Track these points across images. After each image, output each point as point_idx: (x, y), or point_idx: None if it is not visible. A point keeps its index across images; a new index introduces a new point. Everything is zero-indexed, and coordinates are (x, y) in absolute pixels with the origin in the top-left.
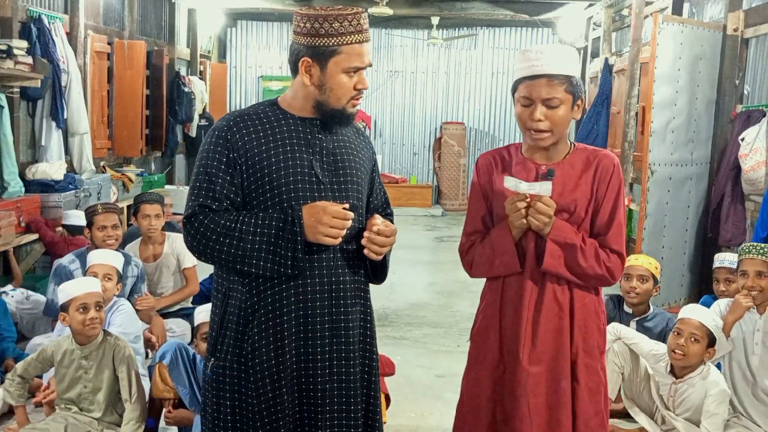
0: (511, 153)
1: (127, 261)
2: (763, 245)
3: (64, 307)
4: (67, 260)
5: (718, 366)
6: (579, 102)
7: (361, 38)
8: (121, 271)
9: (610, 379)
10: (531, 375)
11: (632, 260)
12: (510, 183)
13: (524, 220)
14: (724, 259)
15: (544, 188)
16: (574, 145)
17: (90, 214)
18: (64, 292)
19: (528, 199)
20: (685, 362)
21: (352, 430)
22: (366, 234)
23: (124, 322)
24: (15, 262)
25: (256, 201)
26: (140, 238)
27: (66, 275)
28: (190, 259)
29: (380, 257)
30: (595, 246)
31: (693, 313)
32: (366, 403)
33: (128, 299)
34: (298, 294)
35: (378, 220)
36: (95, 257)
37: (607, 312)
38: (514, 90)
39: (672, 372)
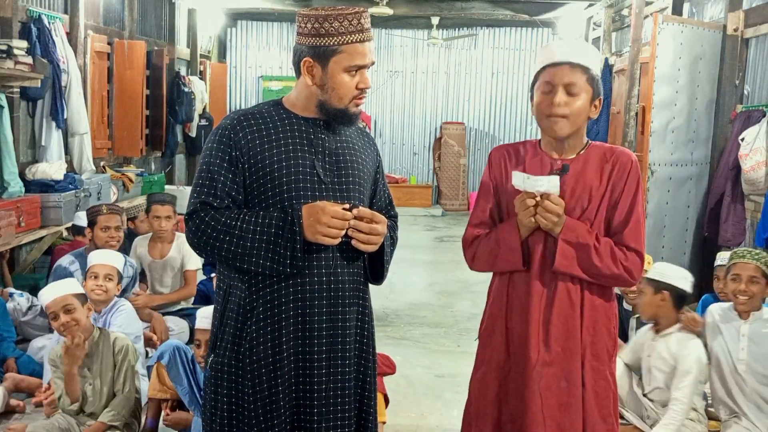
0: (527, 148)
1: (123, 262)
2: (757, 251)
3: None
4: (67, 261)
5: None
6: (597, 101)
7: (363, 37)
8: (121, 271)
9: None
10: (543, 376)
11: None
12: (517, 179)
13: (533, 219)
14: (726, 257)
15: (551, 184)
16: (590, 142)
17: (93, 214)
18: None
19: (537, 197)
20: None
21: (345, 429)
22: (350, 223)
23: (124, 323)
24: (6, 267)
25: (257, 200)
26: (151, 235)
27: (65, 276)
28: (193, 262)
29: (369, 247)
30: (610, 245)
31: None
32: (359, 402)
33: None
34: (296, 292)
35: (364, 210)
36: (96, 257)
37: None
38: (534, 82)
39: (654, 330)
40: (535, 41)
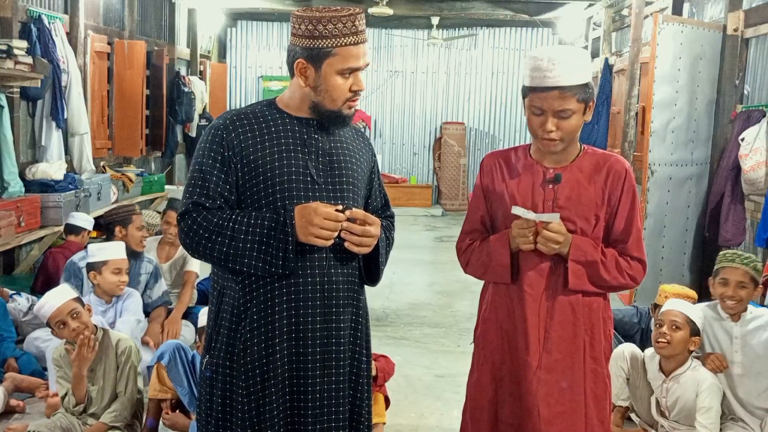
0: (519, 155)
1: (141, 258)
2: (747, 255)
3: (94, 267)
4: (78, 257)
5: None
6: (590, 105)
7: (357, 40)
8: None
9: (614, 384)
10: (544, 383)
11: (669, 304)
12: (518, 212)
13: (532, 245)
14: None
15: (551, 218)
16: (584, 148)
17: (129, 212)
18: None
19: (536, 226)
20: (669, 351)
21: (339, 431)
22: (343, 225)
23: (137, 308)
24: None
25: (250, 200)
26: (160, 238)
27: (75, 272)
28: (194, 264)
29: (362, 249)
30: (615, 256)
31: (673, 304)
32: (352, 404)
33: (142, 296)
34: (290, 294)
35: (357, 211)
36: (113, 252)
37: (628, 326)
38: (525, 95)
39: (661, 370)
40: (535, 41)
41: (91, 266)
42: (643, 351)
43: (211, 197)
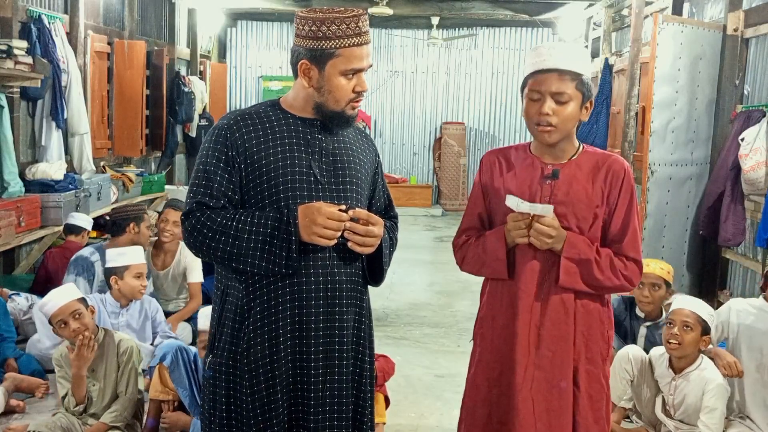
0: (518, 152)
1: None
2: None
3: (116, 272)
4: (88, 252)
5: None
6: (588, 104)
7: (360, 41)
8: None
9: (617, 386)
10: (534, 380)
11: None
12: (511, 202)
13: (527, 239)
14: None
15: (545, 210)
16: (583, 147)
17: (141, 210)
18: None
19: (530, 218)
20: (680, 352)
21: (342, 429)
22: (346, 225)
23: (169, 328)
24: None
25: (254, 200)
26: (154, 242)
27: (87, 267)
28: (196, 274)
29: (365, 249)
30: (610, 256)
31: (684, 303)
32: (355, 404)
33: None
34: (293, 293)
35: (360, 211)
36: (136, 256)
37: (617, 314)
38: (524, 86)
39: (671, 367)
40: (535, 41)
41: (111, 271)
42: (635, 336)
43: (215, 197)
